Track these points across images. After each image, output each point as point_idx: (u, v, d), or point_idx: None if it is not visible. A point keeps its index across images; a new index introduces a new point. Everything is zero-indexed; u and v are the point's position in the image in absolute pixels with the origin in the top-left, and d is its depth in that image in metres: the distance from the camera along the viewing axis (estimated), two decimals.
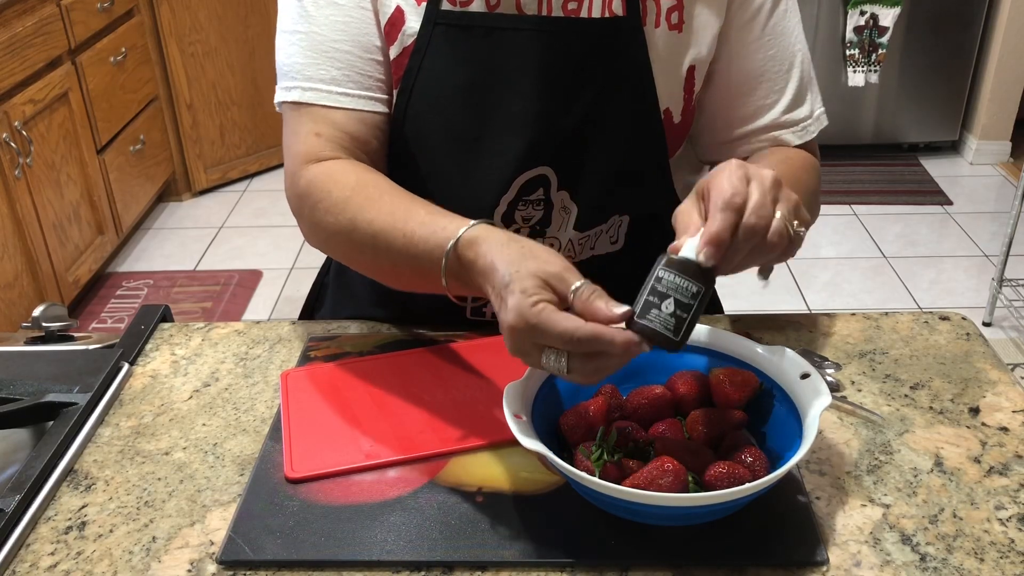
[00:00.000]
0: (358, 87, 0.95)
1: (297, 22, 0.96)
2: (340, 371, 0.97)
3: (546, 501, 0.80)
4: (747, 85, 1.01)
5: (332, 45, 0.95)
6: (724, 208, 0.73)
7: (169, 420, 0.92)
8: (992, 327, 2.80)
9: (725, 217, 0.73)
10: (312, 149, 0.95)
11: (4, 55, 2.44)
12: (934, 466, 0.84)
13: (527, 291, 0.72)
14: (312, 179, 0.94)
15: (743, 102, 1.02)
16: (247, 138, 3.72)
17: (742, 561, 0.74)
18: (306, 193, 0.94)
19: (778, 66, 1.00)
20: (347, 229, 0.91)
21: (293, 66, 0.96)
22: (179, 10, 3.37)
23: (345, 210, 0.91)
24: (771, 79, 1.01)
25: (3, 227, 2.46)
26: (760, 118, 1.02)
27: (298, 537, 0.77)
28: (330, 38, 0.95)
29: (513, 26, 0.94)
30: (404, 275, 0.90)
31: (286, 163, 0.98)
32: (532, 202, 0.99)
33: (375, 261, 0.92)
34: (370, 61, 0.95)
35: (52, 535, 0.79)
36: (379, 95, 0.97)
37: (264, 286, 3.10)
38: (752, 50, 0.99)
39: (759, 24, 0.99)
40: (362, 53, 0.95)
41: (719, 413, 0.81)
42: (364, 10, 0.95)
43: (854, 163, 3.77)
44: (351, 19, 0.95)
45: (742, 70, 1.00)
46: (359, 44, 0.95)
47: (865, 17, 3.53)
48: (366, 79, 0.96)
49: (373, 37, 0.95)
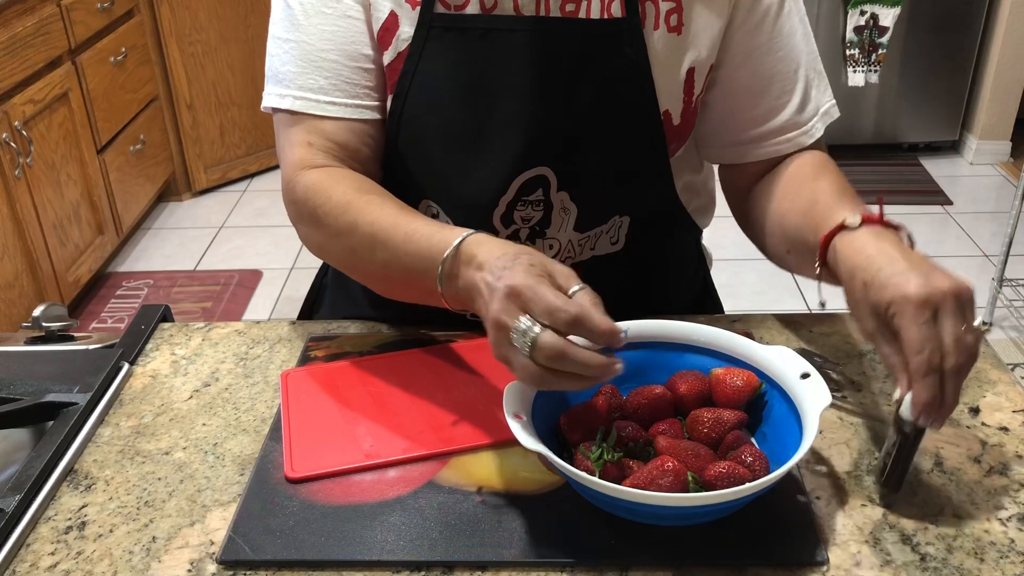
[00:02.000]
0: (346, 96, 0.97)
1: (288, 30, 0.97)
2: (340, 371, 0.97)
3: (546, 501, 0.80)
4: (757, 87, 1.01)
5: (320, 55, 0.96)
6: (926, 374, 0.71)
7: (169, 420, 0.92)
8: (992, 327, 2.80)
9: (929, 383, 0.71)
10: (305, 157, 0.97)
11: (4, 55, 2.44)
12: (934, 466, 0.84)
13: (534, 265, 0.74)
14: (310, 184, 0.95)
15: (754, 104, 1.02)
16: (247, 138, 3.72)
17: (742, 561, 0.74)
18: (304, 198, 0.95)
19: (787, 67, 1.00)
20: (347, 230, 0.92)
21: (286, 74, 0.97)
22: (179, 10, 3.37)
23: (346, 212, 0.91)
24: (781, 81, 1.01)
25: (3, 227, 2.46)
26: (772, 120, 1.02)
27: (298, 537, 0.77)
28: (318, 47, 0.96)
29: (510, 27, 0.94)
30: (397, 278, 0.91)
31: (282, 170, 1.00)
32: (531, 203, 0.99)
33: (370, 263, 0.92)
34: (357, 69, 0.96)
35: (52, 535, 0.79)
36: (368, 103, 0.98)
37: (264, 286, 3.10)
38: (761, 53, 0.99)
39: (767, 27, 0.99)
40: (349, 62, 0.96)
41: (719, 413, 0.81)
42: (351, 19, 0.96)
43: (854, 163, 3.77)
44: (338, 28, 0.96)
45: (752, 73, 1.00)
46: (345, 53, 0.96)
47: (865, 17, 3.53)
48: (354, 87, 0.97)
49: (361, 45, 0.96)
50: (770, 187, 1.02)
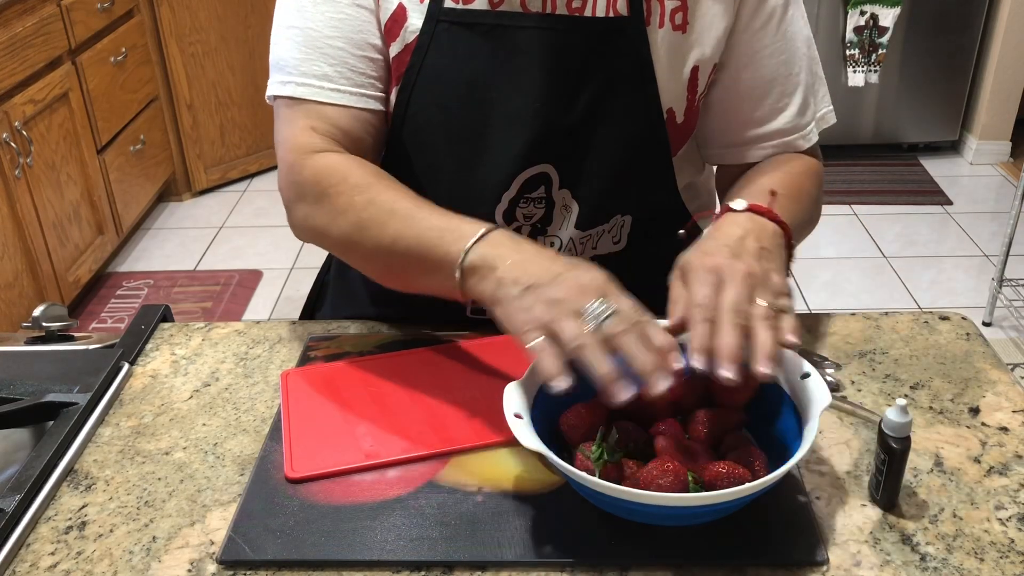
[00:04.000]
0: (351, 84, 0.96)
1: (293, 17, 0.97)
2: (340, 371, 0.97)
3: (546, 501, 0.80)
4: (760, 89, 1.02)
5: (326, 42, 0.95)
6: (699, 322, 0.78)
7: (169, 420, 0.92)
8: (992, 327, 2.80)
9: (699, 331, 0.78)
10: (310, 141, 0.95)
11: (4, 55, 2.44)
12: (934, 466, 0.84)
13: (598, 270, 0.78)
14: (323, 166, 0.94)
15: (755, 106, 1.02)
16: (247, 138, 3.72)
17: (742, 561, 0.74)
18: (315, 180, 0.94)
19: (788, 70, 1.01)
20: (362, 205, 0.90)
21: (289, 61, 0.97)
22: (179, 10, 3.37)
23: (366, 190, 0.91)
24: (783, 83, 1.02)
25: (3, 227, 2.46)
26: (772, 122, 1.03)
27: (298, 537, 0.77)
28: (324, 34, 0.95)
29: (516, 23, 0.94)
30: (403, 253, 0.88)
31: (282, 154, 0.97)
32: (534, 200, 1.00)
33: (379, 238, 0.90)
34: (363, 59, 0.96)
35: (52, 535, 0.79)
36: (372, 92, 0.97)
37: (264, 286, 3.10)
38: (766, 55, 1.00)
39: (771, 29, 0.99)
40: (355, 50, 0.96)
41: (719, 413, 0.81)
42: (360, 8, 0.95)
43: (854, 163, 3.77)
44: (345, 16, 0.95)
45: (755, 75, 1.01)
46: (352, 41, 0.95)
47: (865, 17, 3.53)
48: (359, 76, 0.96)
49: (368, 35, 0.96)
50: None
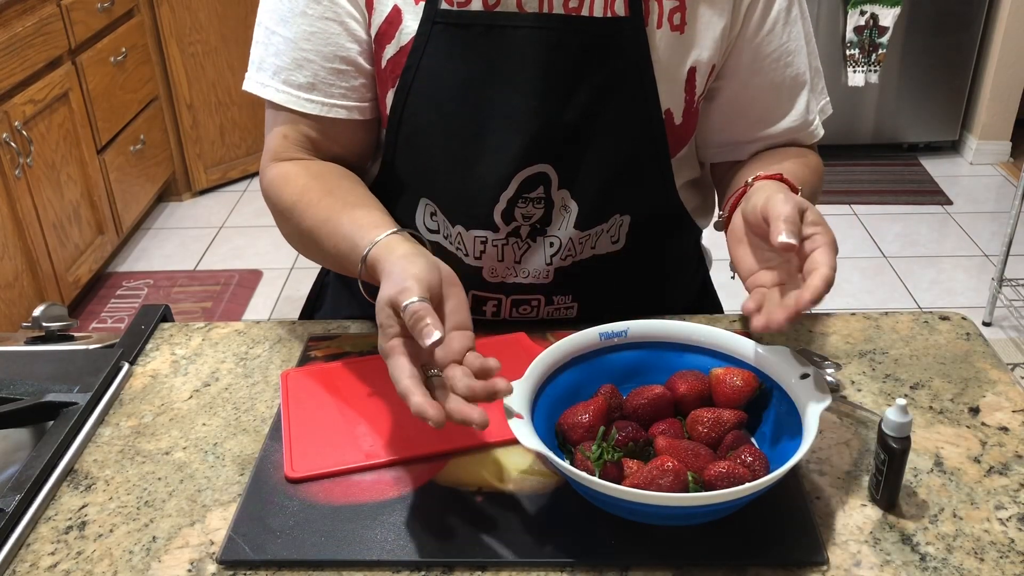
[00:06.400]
0: (323, 95, 1.00)
1: (276, 23, 1.00)
2: (340, 371, 0.97)
3: (546, 501, 0.80)
4: (769, 92, 1.04)
5: (301, 54, 0.99)
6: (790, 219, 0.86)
7: (169, 420, 0.92)
8: (992, 327, 2.80)
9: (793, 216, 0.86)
10: (279, 148, 1.03)
11: (4, 55, 2.44)
12: (934, 466, 0.84)
13: (383, 326, 0.77)
14: (271, 180, 1.02)
15: (765, 108, 1.05)
16: (247, 138, 3.72)
17: (742, 561, 0.74)
18: (266, 194, 1.04)
19: (796, 70, 1.04)
20: (294, 234, 1.02)
21: (271, 66, 1.00)
22: (179, 10, 3.37)
23: (291, 216, 0.99)
24: (791, 84, 1.04)
25: (3, 227, 2.46)
26: (781, 121, 1.06)
27: (298, 537, 0.77)
28: (300, 46, 0.99)
29: (513, 24, 0.94)
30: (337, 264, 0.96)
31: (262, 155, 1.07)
32: (532, 200, 1.00)
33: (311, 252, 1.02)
34: (333, 71, 0.99)
35: (52, 535, 0.79)
36: (344, 103, 1.00)
37: (264, 286, 3.10)
38: (772, 60, 1.02)
39: (777, 33, 1.01)
40: (324, 63, 0.99)
41: (719, 413, 0.81)
42: (329, 21, 0.97)
43: (854, 163, 3.77)
44: (316, 30, 0.98)
45: (764, 80, 1.03)
46: (322, 55, 0.98)
47: (865, 17, 3.52)
48: (330, 88, 1.00)
49: (337, 48, 0.98)
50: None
